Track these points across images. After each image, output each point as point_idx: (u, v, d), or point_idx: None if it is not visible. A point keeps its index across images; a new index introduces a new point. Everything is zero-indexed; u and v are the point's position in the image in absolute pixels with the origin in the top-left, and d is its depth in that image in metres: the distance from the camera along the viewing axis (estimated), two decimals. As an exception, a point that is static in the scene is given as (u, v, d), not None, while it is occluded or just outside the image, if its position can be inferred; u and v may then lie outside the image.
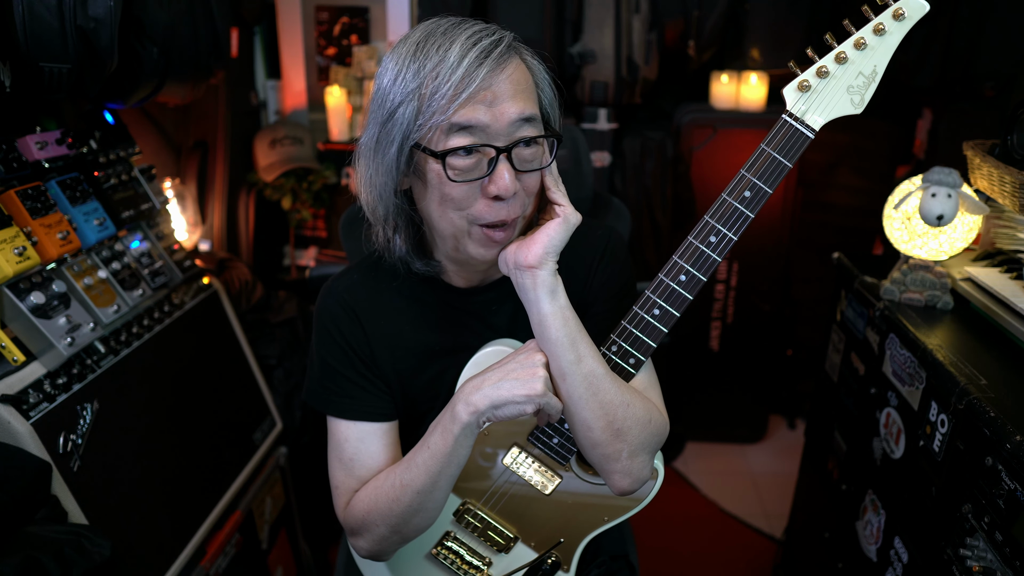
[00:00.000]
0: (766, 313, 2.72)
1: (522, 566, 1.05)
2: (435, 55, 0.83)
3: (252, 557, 1.70)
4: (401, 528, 0.97)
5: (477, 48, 0.83)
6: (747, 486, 2.62)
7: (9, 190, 1.25)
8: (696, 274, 0.89)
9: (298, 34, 2.64)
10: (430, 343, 1.05)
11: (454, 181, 0.86)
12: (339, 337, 1.03)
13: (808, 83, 0.88)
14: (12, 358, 1.19)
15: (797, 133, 0.88)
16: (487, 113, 0.84)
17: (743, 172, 0.88)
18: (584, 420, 0.90)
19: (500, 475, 1.03)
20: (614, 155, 2.62)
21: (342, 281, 1.07)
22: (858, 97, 0.88)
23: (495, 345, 1.01)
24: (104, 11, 1.26)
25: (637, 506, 1.03)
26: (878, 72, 0.87)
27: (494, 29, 0.87)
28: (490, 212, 0.88)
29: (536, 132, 0.88)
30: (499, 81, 0.84)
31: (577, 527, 1.04)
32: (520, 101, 0.86)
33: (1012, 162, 1.28)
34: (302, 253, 2.76)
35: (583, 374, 0.89)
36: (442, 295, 1.05)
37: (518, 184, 0.88)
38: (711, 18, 2.45)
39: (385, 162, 0.89)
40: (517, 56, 0.88)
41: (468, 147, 0.85)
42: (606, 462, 0.93)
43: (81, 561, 1.04)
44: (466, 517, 1.04)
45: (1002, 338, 1.25)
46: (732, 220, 0.88)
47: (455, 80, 0.82)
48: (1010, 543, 0.98)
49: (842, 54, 0.87)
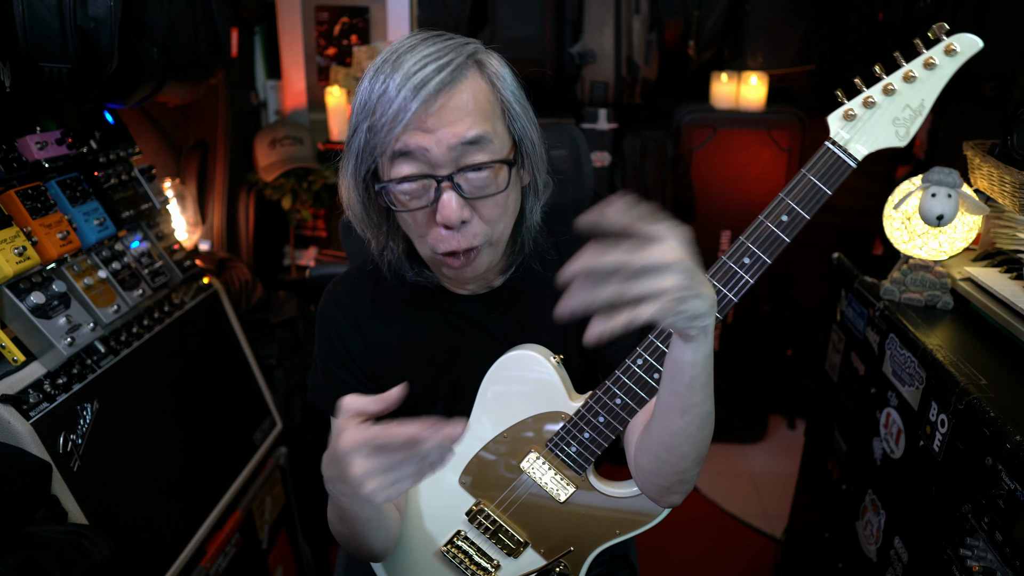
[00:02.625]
0: (766, 313, 2.72)
1: (529, 572, 1.05)
2: (381, 83, 0.83)
3: (252, 557, 1.70)
4: (353, 552, 0.98)
5: (417, 76, 0.81)
6: (747, 486, 2.62)
7: (9, 190, 1.25)
8: (728, 294, 0.87)
9: (298, 34, 2.64)
10: (429, 350, 1.05)
11: (400, 210, 0.87)
12: (338, 342, 1.04)
13: (854, 112, 0.87)
14: (12, 358, 1.19)
15: (839, 161, 0.87)
16: (426, 138, 0.83)
17: (782, 196, 0.87)
18: (684, 454, 0.87)
19: (516, 480, 1.03)
20: (614, 155, 2.61)
21: (343, 286, 1.07)
22: (903, 130, 0.87)
23: (521, 350, 1.01)
24: (104, 11, 1.26)
25: (651, 521, 1.02)
26: (925, 106, 0.86)
27: (448, 50, 0.84)
28: (442, 241, 0.88)
29: (485, 156, 0.85)
30: (436, 109, 0.82)
31: (588, 538, 1.04)
32: (463, 124, 0.83)
33: (1012, 162, 1.28)
34: (302, 253, 2.76)
35: (704, 413, 0.84)
36: (441, 301, 1.05)
37: (468, 212, 0.87)
38: (711, 18, 2.45)
39: (357, 186, 0.91)
40: (474, 73, 0.85)
41: (408, 178, 0.85)
42: (679, 485, 0.92)
43: (81, 561, 1.04)
44: (479, 518, 1.04)
45: (1002, 338, 1.25)
46: (768, 243, 0.87)
47: (392, 112, 0.82)
48: (1010, 543, 0.98)
49: (890, 86, 0.86)
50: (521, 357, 1.00)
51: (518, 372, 1.01)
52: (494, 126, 0.87)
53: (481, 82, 0.86)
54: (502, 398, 1.02)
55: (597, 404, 0.94)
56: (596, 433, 0.96)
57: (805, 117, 2.49)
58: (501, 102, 0.88)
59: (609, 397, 0.93)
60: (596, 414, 0.94)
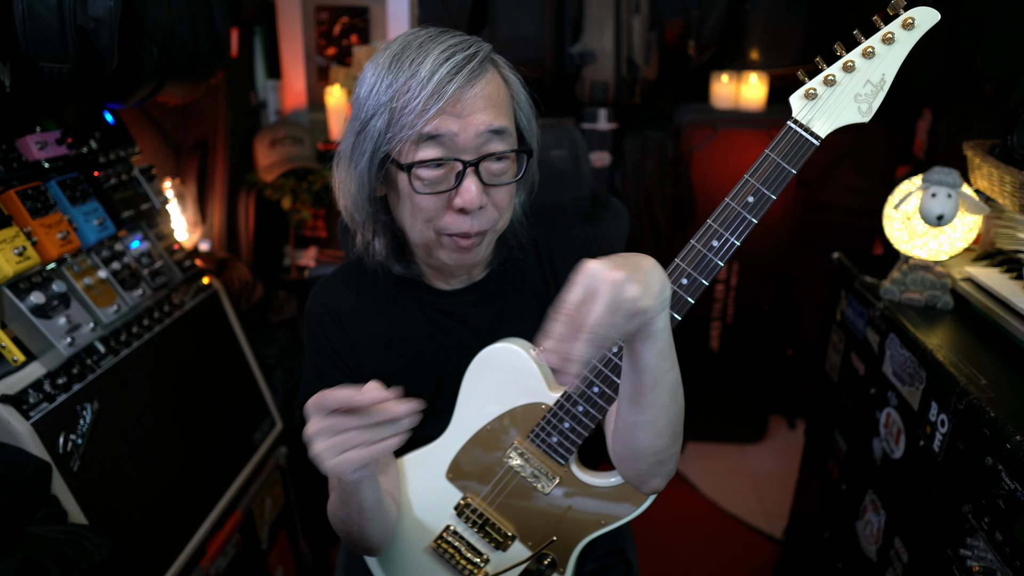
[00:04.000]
0: (766, 313, 2.72)
1: (517, 563, 1.06)
2: (408, 69, 0.85)
3: (252, 557, 1.70)
4: (353, 544, 0.99)
5: (449, 63, 0.84)
6: (747, 486, 2.62)
7: (9, 190, 1.25)
8: (698, 278, 0.89)
9: (298, 34, 2.64)
10: (412, 345, 1.07)
11: (420, 193, 0.88)
12: (324, 341, 1.05)
13: (815, 91, 0.87)
14: (12, 358, 1.19)
15: (802, 140, 0.87)
16: (455, 124, 0.85)
17: (747, 177, 0.88)
18: (660, 429, 0.87)
19: (501, 472, 1.03)
20: (614, 155, 2.61)
21: (327, 286, 1.09)
22: (866, 105, 0.87)
23: (502, 343, 1.02)
24: (104, 11, 1.25)
25: (635, 511, 1.02)
26: (886, 81, 0.86)
27: (471, 43, 0.88)
28: (456, 224, 0.90)
29: (505, 146, 0.89)
30: (469, 96, 0.85)
31: (574, 529, 1.05)
32: (490, 113, 0.87)
33: (1012, 162, 1.28)
34: (302, 253, 2.75)
35: (671, 382, 0.83)
36: (423, 297, 1.07)
37: (485, 198, 0.90)
38: (711, 18, 2.45)
39: (359, 171, 0.91)
40: (493, 70, 0.89)
41: (435, 160, 0.86)
42: (658, 467, 0.91)
43: (81, 561, 1.04)
44: (466, 512, 1.05)
45: (1002, 338, 1.25)
46: (735, 225, 0.88)
47: (424, 95, 0.83)
48: (1010, 543, 0.98)
49: (850, 63, 0.87)
50: (502, 350, 1.02)
51: (499, 365, 1.02)
52: (510, 119, 0.91)
53: (499, 78, 0.90)
54: (484, 392, 1.03)
55: (576, 394, 0.95)
56: (576, 423, 0.96)
57: (805, 117, 2.49)
58: (512, 98, 0.93)
59: (587, 386, 0.94)
60: (575, 404, 0.95)
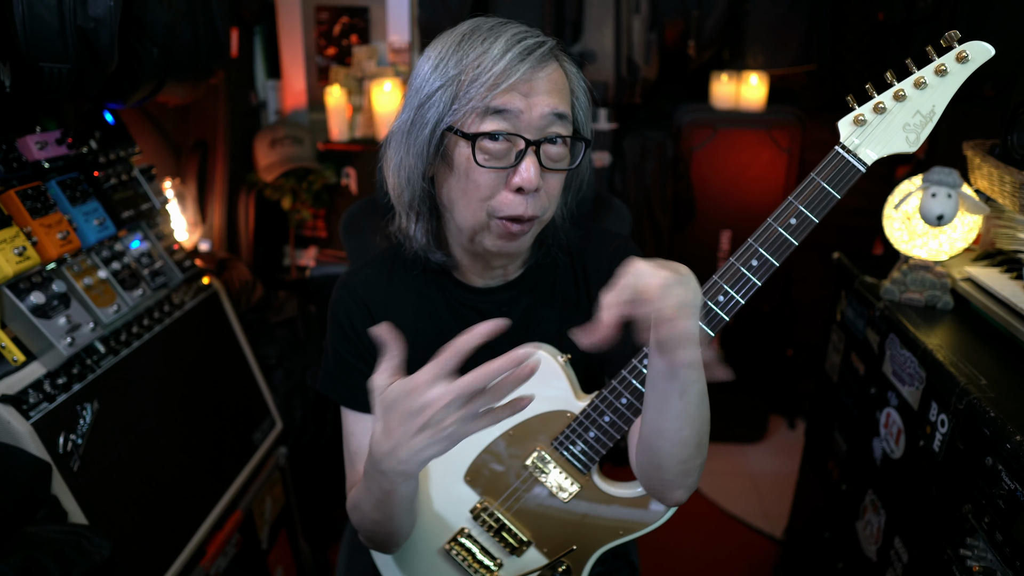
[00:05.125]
0: (766, 313, 2.72)
1: (532, 571, 1.05)
2: (479, 46, 0.87)
3: (252, 557, 1.70)
4: (377, 543, 0.98)
5: (521, 45, 0.86)
6: (747, 486, 2.63)
7: (9, 190, 1.25)
8: (735, 296, 0.88)
9: (298, 34, 2.64)
10: (438, 341, 1.05)
11: (482, 166, 0.88)
12: (350, 331, 1.04)
13: (863, 117, 0.88)
14: (12, 358, 1.19)
15: (848, 166, 0.87)
16: (523, 101, 0.86)
17: (791, 199, 0.88)
18: (685, 438, 0.86)
19: (521, 477, 1.03)
20: (614, 155, 2.61)
21: (358, 276, 1.08)
22: (914, 136, 0.88)
23: (528, 348, 1.00)
24: (104, 11, 1.25)
25: (656, 522, 1.02)
26: (936, 112, 0.87)
27: (538, 32, 0.91)
28: (510, 205, 0.90)
29: (566, 131, 0.91)
30: (538, 77, 0.87)
31: (592, 538, 1.04)
32: (555, 98, 0.89)
33: (1012, 162, 1.28)
34: (302, 253, 2.75)
35: (699, 392, 0.83)
36: (455, 293, 1.06)
37: (541, 181, 0.90)
38: (711, 18, 2.44)
39: (417, 144, 0.91)
40: (556, 61, 0.91)
41: (499, 132, 0.87)
42: (682, 477, 0.91)
43: (81, 561, 1.03)
44: (483, 516, 1.04)
45: (1002, 338, 1.25)
46: (775, 246, 0.88)
47: (496, 71, 0.85)
48: (1010, 543, 0.98)
49: (900, 92, 0.87)
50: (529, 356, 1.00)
51: None
52: (570, 109, 0.92)
53: (561, 69, 0.92)
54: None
55: (603, 404, 0.95)
56: (601, 432, 0.96)
57: (805, 117, 2.49)
58: (571, 91, 0.94)
59: (615, 397, 0.94)
60: (602, 413, 0.95)
